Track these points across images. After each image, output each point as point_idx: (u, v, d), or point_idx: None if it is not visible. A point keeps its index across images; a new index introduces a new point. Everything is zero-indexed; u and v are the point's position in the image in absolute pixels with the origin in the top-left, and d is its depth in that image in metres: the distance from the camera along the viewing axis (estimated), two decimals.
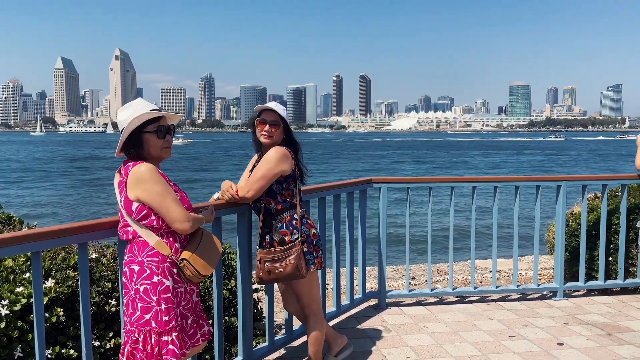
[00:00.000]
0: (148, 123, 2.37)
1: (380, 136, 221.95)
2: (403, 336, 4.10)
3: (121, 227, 2.40)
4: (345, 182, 4.54)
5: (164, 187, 2.31)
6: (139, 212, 2.32)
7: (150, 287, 2.31)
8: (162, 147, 2.41)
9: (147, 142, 2.37)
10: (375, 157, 66.12)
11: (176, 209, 2.32)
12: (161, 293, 2.32)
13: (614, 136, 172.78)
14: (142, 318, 2.29)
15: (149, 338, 2.29)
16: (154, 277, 2.32)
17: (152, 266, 2.32)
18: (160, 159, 2.45)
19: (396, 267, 7.63)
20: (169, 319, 2.32)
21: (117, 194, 2.38)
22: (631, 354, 3.76)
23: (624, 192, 5.04)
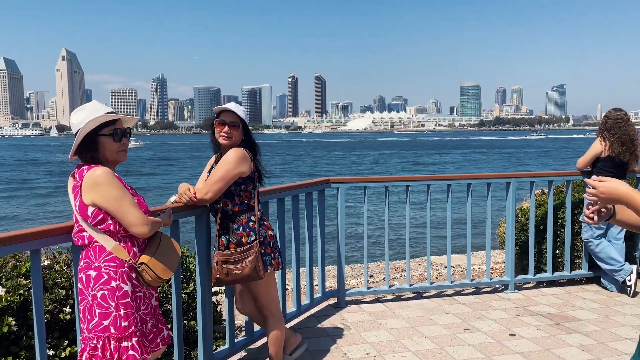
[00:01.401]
0: (104, 126, 2.32)
1: (338, 136, 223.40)
2: (362, 333, 4.16)
3: (76, 233, 2.33)
4: (303, 182, 4.57)
5: (121, 191, 2.26)
6: (95, 217, 2.26)
7: (109, 292, 2.26)
8: (118, 151, 2.36)
9: (102, 146, 2.32)
10: (333, 157, 66.52)
11: (134, 212, 2.28)
12: (120, 298, 2.27)
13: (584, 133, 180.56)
14: (101, 324, 2.25)
15: (108, 344, 2.24)
16: (112, 282, 2.27)
17: (110, 271, 2.27)
18: (116, 163, 2.40)
19: (355, 266, 7.72)
20: (128, 324, 2.27)
21: (72, 199, 2.32)
22: (578, 341, 3.96)
23: (569, 188, 5.30)
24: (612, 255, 5.03)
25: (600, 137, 5.13)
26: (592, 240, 5.14)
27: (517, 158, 61.02)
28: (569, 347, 3.85)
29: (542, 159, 57.08)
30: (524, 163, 52.57)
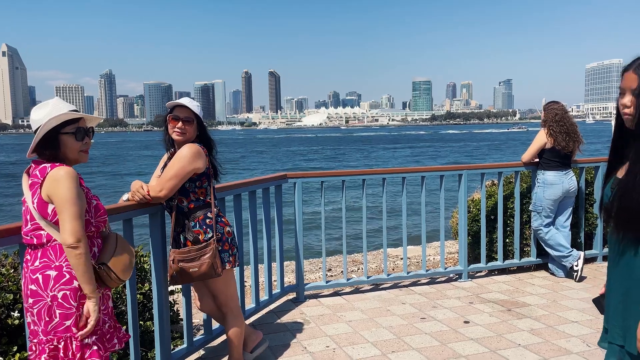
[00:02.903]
0: (66, 124, 2.24)
1: (293, 132, 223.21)
2: (322, 326, 4.19)
3: (31, 231, 2.22)
4: (260, 178, 4.54)
5: (74, 197, 2.17)
6: (55, 214, 2.19)
7: (70, 292, 2.19)
8: (80, 150, 2.29)
9: (64, 144, 2.24)
10: (289, 153, 66.39)
11: (75, 223, 2.16)
12: (82, 298, 2.21)
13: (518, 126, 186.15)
14: (62, 324, 2.17)
15: (70, 344, 2.18)
16: (74, 282, 2.20)
17: (72, 270, 2.20)
18: (76, 163, 2.32)
19: (313, 260, 7.76)
20: None
21: (28, 196, 2.21)
22: (529, 326, 4.12)
23: (517, 179, 5.50)
24: (561, 242, 5.26)
25: (545, 129, 5.34)
26: (541, 228, 5.35)
27: (468, 151, 62.73)
28: (520, 332, 4.00)
29: (493, 151, 58.91)
30: (476, 155, 54.07)
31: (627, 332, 1.80)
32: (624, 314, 1.82)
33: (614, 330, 1.86)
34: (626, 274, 1.81)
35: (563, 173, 5.25)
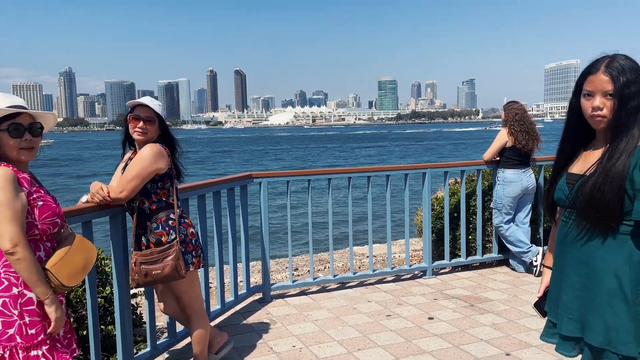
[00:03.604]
0: (2, 120, 2.13)
1: (260, 131, 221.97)
2: (288, 326, 4.19)
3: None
4: (224, 178, 4.50)
5: (9, 199, 2.04)
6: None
7: (10, 299, 2.08)
8: (20, 148, 2.15)
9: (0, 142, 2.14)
10: (256, 152, 66.00)
11: (8, 226, 2.02)
12: (23, 305, 2.09)
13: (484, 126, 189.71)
14: (5, 333, 2.07)
15: (16, 354, 2.08)
16: (14, 288, 2.08)
17: (11, 277, 2.08)
18: (19, 162, 2.17)
19: (280, 260, 7.73)
20: (35, 332, 2.11)
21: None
22: (491, 321, 4.22)
23: (479, 177, 5.62)
24: (520, 238, 5.41)
25: (506, 129, 5.48)
26: (502, 225, 5.49)
27: (434, 149, 63.72)
28: (482, 327, 4.09)
29: (456, 150, 59.98)
30: (440, 154, 54.94)
31: (586, 324, 1.86)
32: (582, 306, 1.87)
33: (570, 323, 1.91)
34: (586, 266, 1.86)
35: (522, 171, 5.40)
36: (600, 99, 1.80)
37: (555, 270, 2.03)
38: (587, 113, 1.86)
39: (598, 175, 1.79)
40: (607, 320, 1.81)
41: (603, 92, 1.80)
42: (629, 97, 1.77)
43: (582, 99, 1.86)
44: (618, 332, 1.79)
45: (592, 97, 1.83)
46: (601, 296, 1.83)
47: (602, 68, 1.80)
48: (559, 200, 1.97)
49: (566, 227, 1.93)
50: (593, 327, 1.84)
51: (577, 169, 1.94)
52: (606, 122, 1.82)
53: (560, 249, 1.99)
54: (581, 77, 1.90)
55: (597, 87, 1.81)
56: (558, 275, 2.01)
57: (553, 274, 2.05)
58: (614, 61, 1.80)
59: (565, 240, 1.95)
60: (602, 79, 1.79)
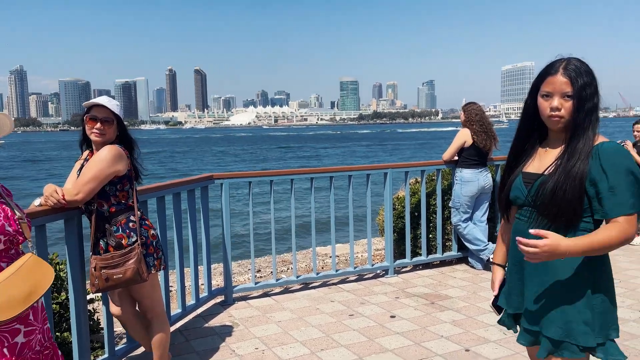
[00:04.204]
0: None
1: (221, 131, 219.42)
2: (251, 328, 4.16)
3: None
4: (185, 179, 4.43)
5: None
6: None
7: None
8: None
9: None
10: (217, 153, 65.21)
11: None
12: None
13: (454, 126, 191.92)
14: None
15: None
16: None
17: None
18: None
19: (242, 262, 7.67)
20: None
21: None
22: (451, 317, 4.31)
23: (439, 176, 5.73)
24: (478, 236, 5.54)
25: (465, 129, 5.60)
26: (460, 223, 5.61)
27: (399, 149, 64.51)
28: (442, 324, 4.17)
29: (418, 149, 60.92)
30: (403, 153, 55.66)
31: (545, 318, 1.91)
32: (541, 302, 1.93)
33: (530, 317, 1.97)
34: (545, 262, 1.88)
35: (479, 171, 5.54)
36: (558, 99, 1.85)
37: (513, 267, 2.08)
38: (544, 113, 1.90)
39: (559, 175, 1.85)
40: (566, 313, 1.87)
41: (561, 93, 1.85)
42: (586, 98, 1.83)
43: (540, 99, 1.91)
44: (577, 324, 1.85)
45: (550, 97, 1.87)
46: (561, 291, 1.89)
47: (560, 70, 1.85)
48: (515, 199, 2.01)
49: (524, 225, 1.98)
50: (552, 321, 1.89)
51: (533, 168, 1.99)
52: (563, 122, 1.87)
53: (517, 246, 2.03)
54: (539, 78, 1.94)
55: (556, 88, 1.85)
56: (517, 271, 2.05)
57: (511, 270, 2.10)
58: (571, 63, 1.86)
59: (518, 237, 2.00)
60: (561, 81, 1.84)
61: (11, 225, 1.99)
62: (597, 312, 1.87)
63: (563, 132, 1.93)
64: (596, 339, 1.86)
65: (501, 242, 2.26)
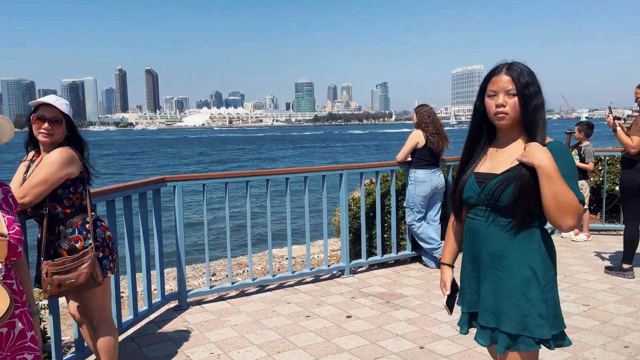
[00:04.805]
0: None
1: (174, 133, 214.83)
2: (206, 333, 4.09)
3: None
4: (136, 182, 4.31)
5: None
6: None
7: None
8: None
9: None
10: (170, 155, 63.82)
11: None
12: None
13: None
14: None
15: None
16: None
17: None
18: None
19: (197, 265, 7.53)
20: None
21: None
22: (405, 316, 4.37)
23: (393, 177, 5.81)
24: (431, 235, 5.66)
25: (418, 130, 5.71)
26: (414, 223, 5.71)
27: (355, 150, 65.08)
28: (397, 322, 4.23)
29: (371, 151, 61.68)
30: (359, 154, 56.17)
31: (501, 314, 1.97)
32: (498, 298, 1.99)
33: (486, 314, 2.02)
34: (500, 259, 1.98)
35: (432, 171, 5.66)
36: (503, 96, 1.95)
37: (468, 265, 2.12)
38: (491, 111, 1.98)
39: (512, 174, 1.93)
40: (522, 307, 1.94)
41: (505, 90, 1.95)
42: (530, 96, 1.94)
43: (487, 99, 1.99)
44: (533, 317, 1.93)
45: (495, 95, 1.97)
46: (516, 286, 1.95)
47: (503, 70, 1.97)
48: (468, 199, 2.05)
49: (477, 224, 2.03)
50: (509, 316, 1.96)
51: (485, 168, 2.04)
52: (508, 119, 1.96)
53: (473, 245, 2.08)
54: (485, 80, 2.04)
55: (500, 86, 1.96)
56: (473, 269, 2.10)
57: (466, 269, 2.14)
58: (514, 65, 1.98)
59: (477, 237, 2.04)
60: (505, 79, 1.95)
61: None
62: (550, 305, 1.96)
63: (511, 131, 2.01)
64: (551, 331, 1.95)
65: (450, 243, 2.30)
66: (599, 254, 6.19)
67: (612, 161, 7.55)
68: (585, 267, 5.69)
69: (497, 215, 1.97)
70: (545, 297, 1.96)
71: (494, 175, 1.99)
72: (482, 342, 2.07)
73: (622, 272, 5.27)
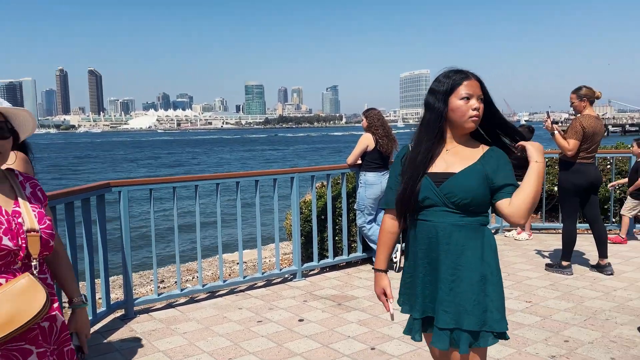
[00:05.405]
0: None
1: (120, 136, 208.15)
2: (154, 342, 3.97)
3: None
4: (78, 187, 4.15)
5: None
6: None
7: None
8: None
9: None
10: (117, 159, 61.79)
11: None
12: None
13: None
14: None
15: None
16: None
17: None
18: None
19: (144, 273, 7.32)
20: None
21: None
22: (357, 317, 4.41)
23: (344, 180, 5.86)
24: None
25: (368, 133, 5.78)
26: (365, 225, 5.77)
27: (308, 152, 65.13)
28: (349, 324, 4.26)
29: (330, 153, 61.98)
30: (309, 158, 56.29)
31: (462, 313, 2.01)
32: (457, 297, 2.02)
33: (445, 316, 2.03)
34: (457, 257, 2.03)
35: (381, 174, 5.74)
36: (476, 101, 2.04)
37: (423, 269, 2.12)
38: (465, 114, 2.04)
39: (470, 173, 2.03)
40: (481, 303, 2.01)
41: (477, 95, 2.05)
42: (492, 102, 2.11)
43: (459, 102, 2.04)
44: (492, 312, 2.01)
45: (469, 99, 2.04)
46: (475, 283, 2.02)
47: (472, 76, 2.07)
48: (424, 200, 2.05)
49: (434, 225, 2.05)
50: (470, 313, 2.00)
51: (439, 168, 2.08)
52: (478, 122, 2.07)
53: (430, 248, 2.08)
54: (453, 84, 2.06)
55: (474, 91, 2.05)
56: (428, 272, 2.11)
57: (418, 274, 2.13)
58: (474, 73, 2.09)
59: (435, 239, 2.05)
60: (476, 84, 2.06)
61: (13, 239, 1.78)
62: (503, 300, 2.07)
63: (467, 133, 2.12)
64: (506, 323, 2.05)
65: (386, 248, 2.26)
66: (539, 252, 6.46)
67: (551, 163, 7.90)
68: (527, 265, 5.93)
69: (455, 214, 2.03)
70: (499, 291, 2.05)
71: (451, 174, 2.04)
72: (440, 346, 2.05)
73: (561, 269, 5.52)
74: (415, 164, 2.10)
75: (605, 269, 5.46)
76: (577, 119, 5.33)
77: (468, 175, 2.03)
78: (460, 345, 2.02)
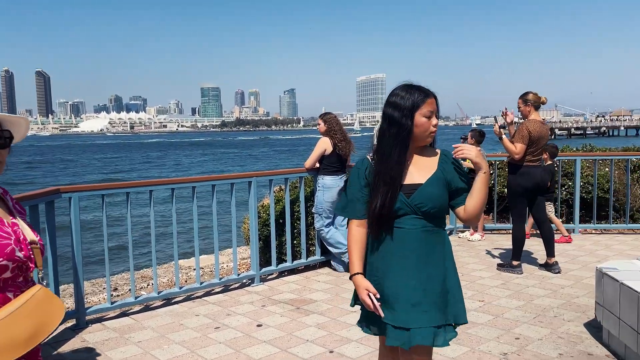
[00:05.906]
0: None
1: (70, 139, 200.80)
2: (107, 352, 3.86)
3: None
4: (26, 194, 3.99)
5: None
6: None
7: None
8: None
9: None
10: (68, 163, 59.57)
11: None
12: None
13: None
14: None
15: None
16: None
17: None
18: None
19: (97, 281, 7.09)
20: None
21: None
22: (315, 321, 4.42)
23: (302, 184, 5.87)
24: (340, 240, 5.78)
25: (326, 137, 5.82)
26: (323, 228, 5.80)
27: (265, 156, 64.70)
28: (308, 328, 4.26)
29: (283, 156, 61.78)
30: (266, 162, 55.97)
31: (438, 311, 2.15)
32: (431, 297, 2.15)
33: (424, 316, 2.13)
34: (427, 258, 2.18)
35: (339, 177, 5.79)
36: (434, 117, 2.19)
37: (395, 276, 2.18)
38: (427, 130, 2.17)
39: (434, 182, 2.18)
40: (449, 299, 2.20)
41: (435, 112, 2.19)
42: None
43: (422, 119, 2.15)
44: (457, 306, 2.23)
45: (431, 117, 2.18)
46: (445, 281, 2.20)
47: (431, 94, 2.19)
48: (397, 210, 2.17)
49: (406, 232, 2.17)
50: (440, 309, 2.16)
51: (407, 180, 2.19)
52: (434, 136, 2.24)
53: (404, 254, 2.18)
54: (419, 102, 2.15)
55: (434, 108, 2.18)
56: (402, 277, 2.18)
57: (392, 280, 2.19)
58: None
59: (408, 245, 2.17)
60: (434, 102, 2.19)
61: (22, 250, 1.76)
62: (462, 294, 2.27)
63: (426, 146, 2.27)
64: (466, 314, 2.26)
65: (359, 252, 2.27)
66: (491, 252, 6.66)
67: (502, 165, 8.16)
68: (479, 265, 6.10)
69: (424, 220, 2.17)
70: (459, 284, 2.27)
71: (418, 185, 2.18)
72: (399, 344, 2.15)
73: (511, 269, 5.71)
74: (389, 179, 2.14)
75: (553, 267, 5.69)
76: (523, 123, 5.54)
77: (433, 184, 2.18)
78: (439, 340, 2.15)
